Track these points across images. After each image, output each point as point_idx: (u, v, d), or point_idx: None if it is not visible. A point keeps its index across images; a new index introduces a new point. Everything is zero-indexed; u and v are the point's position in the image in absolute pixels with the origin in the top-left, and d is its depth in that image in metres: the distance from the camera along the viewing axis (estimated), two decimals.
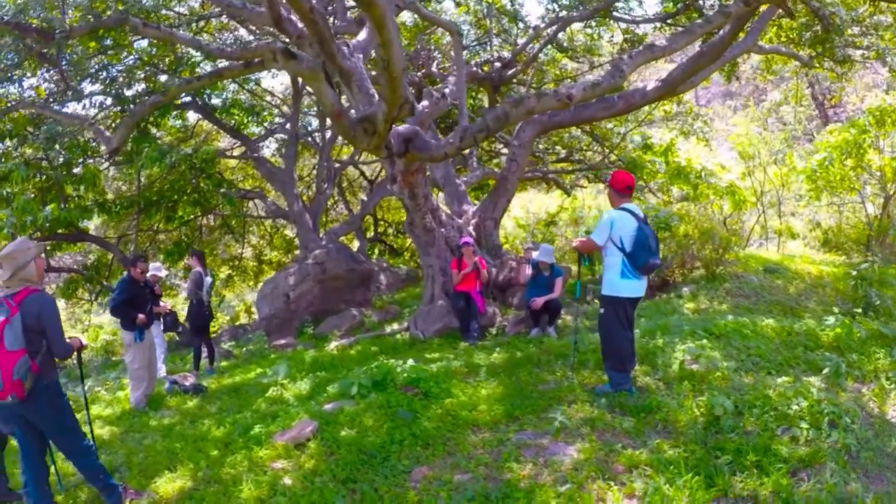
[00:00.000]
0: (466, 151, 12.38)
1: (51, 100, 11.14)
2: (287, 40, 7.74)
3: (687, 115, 13.50)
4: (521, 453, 4.72)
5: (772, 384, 5.48)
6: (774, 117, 17.06)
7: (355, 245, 16.11)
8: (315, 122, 17.53)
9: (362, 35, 9.14)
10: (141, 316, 7.74)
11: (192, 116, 15.66)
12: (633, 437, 4.87)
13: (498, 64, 11.94)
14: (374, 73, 10.19)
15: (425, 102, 8.81)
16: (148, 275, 9.18)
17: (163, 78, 13.17)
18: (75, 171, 12.53)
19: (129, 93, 12.94)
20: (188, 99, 13.05)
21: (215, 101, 14.45)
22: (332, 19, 9.79)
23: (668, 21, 10.88)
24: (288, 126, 15.15)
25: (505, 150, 16.05)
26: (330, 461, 4.89)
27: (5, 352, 4.14)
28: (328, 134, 15.25)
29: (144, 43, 13.14)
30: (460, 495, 4.18)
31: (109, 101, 12.88)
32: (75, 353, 4.77)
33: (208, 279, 9.99)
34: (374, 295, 13.65)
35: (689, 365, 6.08)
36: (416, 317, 10.21)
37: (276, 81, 33.45)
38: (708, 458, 4.37)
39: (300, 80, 14.13)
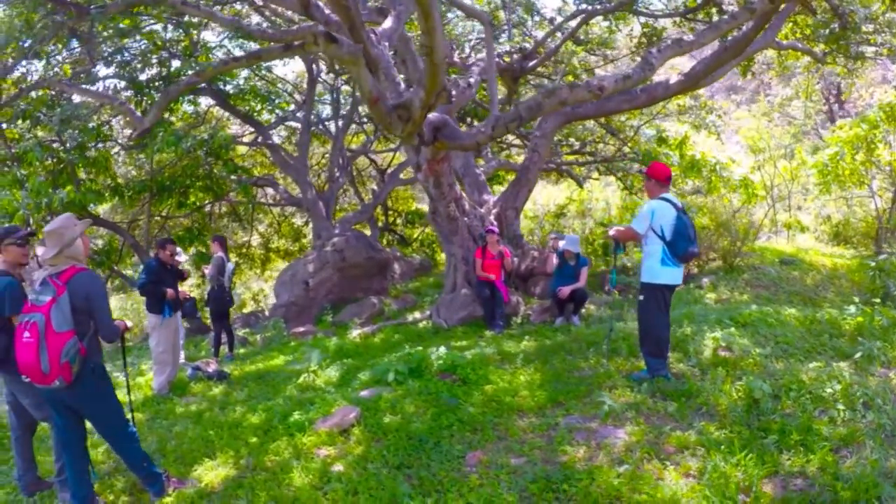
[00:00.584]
0: None
1: (69, 80, 11.13)
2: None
3: (701, 108, 13.74)
4: (572, 437, 4.82)
5: (804, 369, 5.67)
6: (780, 112, 17.29)
7: (366, 234, 16.14)
8: (327, 111, 17.63)
9: (387, 23, 9.23)
10: (170, 290, 7.84)
11: (203, 102, 15.61)
12: (678, 420, 5.01)
13: (518, 55, 12.08)
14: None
15: (452, 91, 8.93)
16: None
17: (175, 63, 13.24)
18: (88, 154, 12.54)
19: (142, 77, 13.01)
20: (203, 84, 13.04)
21: (227, 87, 14.43)
22: None
23: (688, 16, 11.07)
24: (299, 114, 15.20)
25: (517, 141, 16.25)
26: (379, 447, 4.94)
27: (53, 333, 3.96)
28: (341, 122, 15.35)
29: (157, 27, 13.16)
30: (521, 478, 4.26)
31: (122, 84, 12.90)
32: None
33: (230, 265, 10.04)
34: (389, 284, 13.77)
35: (721, 352, 6.29)
36: (438, 305, 10.33)
37: (287, 69, 32.34)
38: (754, 438, 4.53)
39: (314, 68, 14.21)
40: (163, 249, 8.24)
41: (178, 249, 9.70)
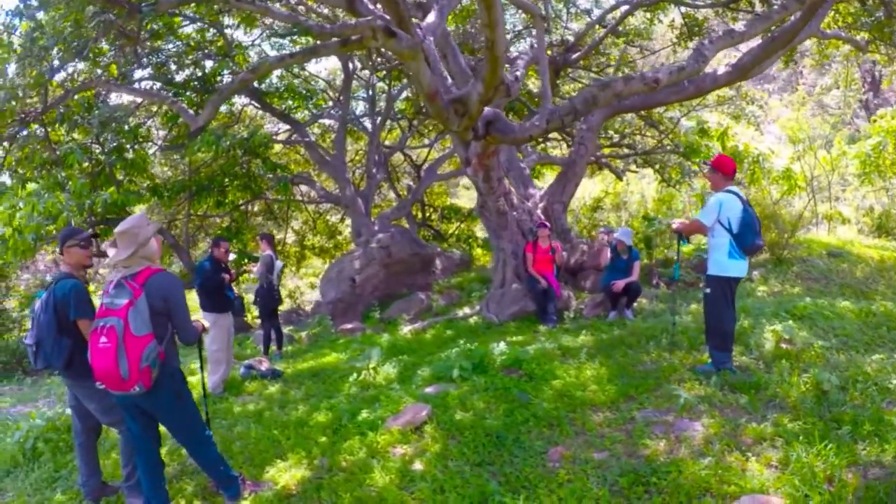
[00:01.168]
0: None
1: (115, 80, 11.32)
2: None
3: (742, 98, 13.84)
4: (650, 430, 4.95)
5: (867, 361, 5.85)
6: (815, 102, 17.26)
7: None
8: (360, 107, 17.82)
9: (430, 18, 9.32)
10: (226, 276, 8.05)
11: (237, 101, 15.80)
12: (751, 412, 5.14)
13: (559, 48, 12.18)
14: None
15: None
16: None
17: (209, 63, 13.46)
18: (126, 156, 12.73)
19: (178, 78, 13.25)
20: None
21: (260, 86, 14.60)
22: None
23: (731, 5, 11.15)
24: (333, 111, 15.40)
25: (554, 134, 16.37)
26: (457, 444, 5.02)
27: (132, 337, 3.85)
28: (377, 119, 15.55)
29: (190, 29, 13.39)
30: (607, 472, 4.36)
31: (158, 85, 13.14)
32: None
33: (279, 263, 10.19)
34: (432, 279, 13.96)
35: (782, 344, 6.41)
36: (487, 300, 10.48)
37: (319, 66, 32.16)
38: (828, 429, 4.66)
39: (350, 64, 14.40)
40: (217, 247, 8.42)
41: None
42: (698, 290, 9.80)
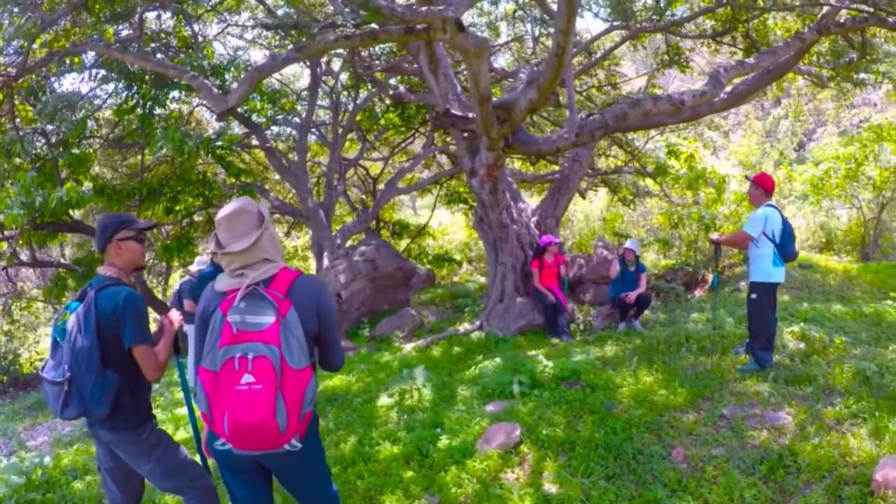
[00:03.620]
0: None
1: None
2: None
3: (708, 124, 15.38)
4: (747, 423, 5.51)
5: (885, 353, 7.01)
6: (749, 129, 19.35)
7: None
8: (322, 116, 17.73)
9: None
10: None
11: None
12: (816, 399, 5.96)
13: None
14: None
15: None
16: (193, 269, 9.30)
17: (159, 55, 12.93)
18: (73, 151, 11.88)
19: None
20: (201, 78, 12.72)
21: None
22: None
23: (716, 38, 12.43)
24: (296, 119, 15.26)
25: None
26: (573, 461, 5.16)
27: (291, 372, 2.79)
28: (340, 129, 15.64)
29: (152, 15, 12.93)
30: (745, 463, 4.86)
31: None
32: None
33: None
34: (412, 295, 14.09)
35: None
36: (487, 315, 10.84)
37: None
38: (890, 404, 5.58)
39: (319, 69, 14.46)
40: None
41: (206, 258, 9.58)
42: (695, 301, 11.01)
